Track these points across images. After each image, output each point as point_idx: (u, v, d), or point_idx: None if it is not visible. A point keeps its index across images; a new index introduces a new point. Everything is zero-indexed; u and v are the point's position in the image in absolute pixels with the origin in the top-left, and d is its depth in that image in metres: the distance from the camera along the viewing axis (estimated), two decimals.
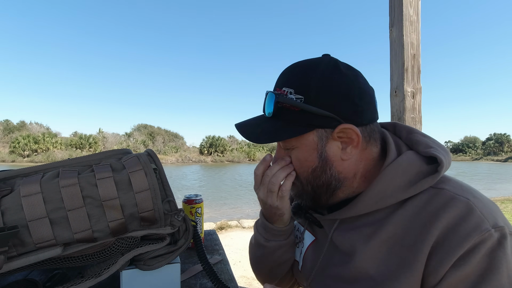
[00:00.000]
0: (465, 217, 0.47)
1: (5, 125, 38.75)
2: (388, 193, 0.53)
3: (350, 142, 0.56)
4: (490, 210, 0.48)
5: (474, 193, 0.51)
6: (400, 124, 0.66)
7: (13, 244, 0.50)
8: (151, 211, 0.58)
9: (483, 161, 52.29)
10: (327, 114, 0.54)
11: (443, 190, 0.51)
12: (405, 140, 0.62)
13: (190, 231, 0.66)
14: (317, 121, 0.55)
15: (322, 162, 0.57)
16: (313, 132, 0.56)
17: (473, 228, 0.45)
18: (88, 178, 0.55)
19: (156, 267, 0.61)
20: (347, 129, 0.55)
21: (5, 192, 0.53)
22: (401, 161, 0.55)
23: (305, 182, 0.60)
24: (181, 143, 46.99)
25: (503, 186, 14.07)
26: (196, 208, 1.03)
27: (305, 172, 0.59)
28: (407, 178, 0.53)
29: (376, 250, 0.53)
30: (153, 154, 0.65)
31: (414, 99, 1.67)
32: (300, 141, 0.57)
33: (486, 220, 0.46)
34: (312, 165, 0.57)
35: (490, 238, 0.45)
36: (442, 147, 0.57)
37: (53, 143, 33.67)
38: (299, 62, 0.59)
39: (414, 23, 1.66)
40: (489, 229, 0.45)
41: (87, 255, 0.57)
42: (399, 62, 1.67)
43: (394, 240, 0.52)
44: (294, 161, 0.59)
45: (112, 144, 38.77)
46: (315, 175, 0.58)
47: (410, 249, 0.49)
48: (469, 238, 0.45)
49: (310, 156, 0.57)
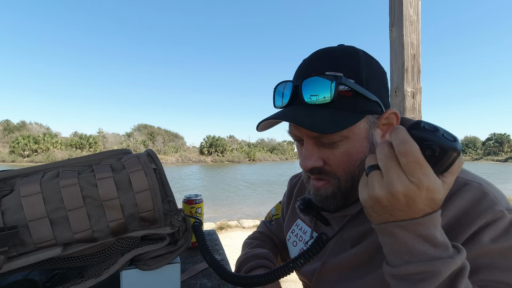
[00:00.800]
0: (479, 200, 0.47)
1: (5, 125, 38.74)
2: None
3: (390, 127, 0.55)
4: (502, 196, 0.48)
5: (486, 180, 0.51)
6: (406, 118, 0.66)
7: (13, 244, 0.50)
8: (151, 211, 0.58)
9: (483, 161, 52.26)
10: (375, 99, 0.52)
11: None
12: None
13: (190, 231, 0.66)
14: (368, 106, 0.52)
15: (371, 151, 0.53)
16: (364, 119, 0.52)
17: (486, 208, 0.45)
18: (88, 178, 0.55)
19: (156, 267, 0.61)
20: (392, 114, 0.54)
21: (5, 192, 0.53)
22: None
23: (346, 178, 0.54)
24: (181, 143, 46.99)
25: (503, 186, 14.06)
26: (196, 208, 1.03)
27: (351, 166, 0.53)
28: None
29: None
30: (153, 154, 0.65)
31: (414, 99, 1.67)
32: (352, 131, 0.51)
33: (499, 203, 0.46)
34: (362, 156, 0.53)
35: (503, 218, 0.44)
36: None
37: (53, 143, 33.66)
38: (328, 48, 0.55)
39: (414, 23, 1.66)
40: (502, 210, 0.45)
41: (87, 255, 0.57)
42: (399, 62, 1.67)
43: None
44: (341, 155, 0.52)
45: (112, 144, 38.76)
46: (362, 166, 0.53)
47: None
48: (482, 216, 0.45)
49: (361, 147, 0.53)
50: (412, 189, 0.38)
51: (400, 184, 0.38)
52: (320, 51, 0.56)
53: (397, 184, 0.38)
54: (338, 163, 0.53)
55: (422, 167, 0.37)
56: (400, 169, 0.38)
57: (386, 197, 0.39)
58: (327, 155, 0.53)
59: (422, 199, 0.38)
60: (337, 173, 0.54)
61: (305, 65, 0.56)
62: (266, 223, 0.93)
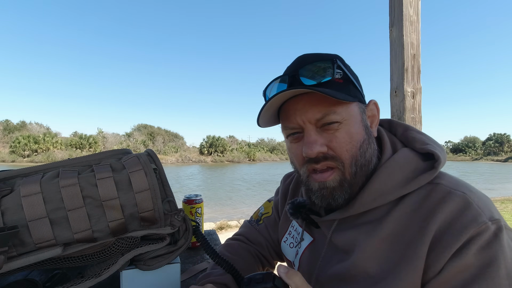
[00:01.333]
0: (462, 211, 0.47)
1: (5, 125, 38.73)
2: (386, 190, 0.54)
3: (374, 119, 0.59)
4: (486, 204, 0.49)
5: (470, 187, 0.52)
6: (395, 121, 0.67)
7: (13, 244, 0.50)
8: (151, 211, 0.58)
9: (483, 161, 52.28)
10: (360, 90, 0.57)
11: (439, 185, 0.52)
12: (400, 137, 0.62)
13: (190, 231, 0.66)
14: (356, 93, 0.56)
15: (368, 135, 0.56)
16: (356, 103, 0.56)
17: (470, 221, 0.46)
18: (88, 178, 0.55)
19: (156, 267, 0.61)
20: (374, 104, 0.59)
21: (5, 192, 0.53)
22: (397, 158, 0.56)
23: (350, 161, 0.54)
24: (181, 143, 46.99)
25: (503, 186, 14.06)
26: (196, 208, 1.03)
27: (354, 147, 0.54)
28: (405, 174, 0.54)
29: (376, 247, 0.52)
30: (153, 154, 0.65)
31: (414, 99, 1.67)
32: (349, 112, 0.54)
33: (483, 213, 0.47)
34: (361, 139, 0.55)
35: (487, 230, 0.45)
36: (437, 144, 0.58)
37: (53, 143, 33.66)
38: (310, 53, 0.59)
39: (414, 23, 1.66)
40: (486, 222, 0.46)
41: (87, 255, 0.57)
42: (399, 62, 1.67)
43: (394, 237, 0.52)
44: (343, 136, 0.54)
45: (112, 144, 38.76)
46: (363, 150, 0.55)
47: (410, 245, 0.49)
48: (466, 230, 0.45)
49: (359, 128, 0.55)
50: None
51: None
52: (307, 54, 0.59)
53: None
54: (341, 144, 0.54)
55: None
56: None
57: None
58: (329, 139, 0.54)
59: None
60: (341, 156, 0.54)
61: (293, 62, 0.59)
62: (252, 223, 0.88)
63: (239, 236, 0.86)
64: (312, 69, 0.54)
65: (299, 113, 0.54)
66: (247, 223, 0.90)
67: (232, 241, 0.83)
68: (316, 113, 0.53)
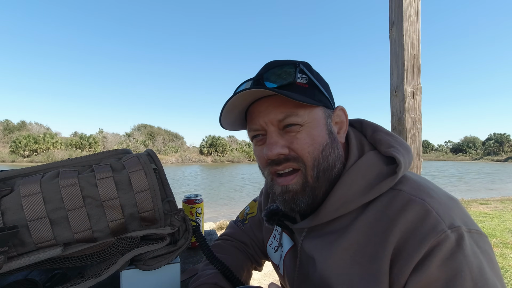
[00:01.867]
0: (421, 220, 0.46)
1: (5, 125, 38.73)
2: (349, 198, 0.52)
3: (342, 125, 0.59)
4: (447, 210, 0.47)
5: (432, 192, 0.50)
6: (366, 121, 0.65)
7: (13, 244, 0.50)
8: (151, 211, 0.58)
9: (483, 161, 52.27)
10: (326, 95, 0.58)
11: (400, 192, 0.50)
12: (369, 138, 0.61)
13: (190, 231, 0.66)
14: (322, 99, 0.57)
15: (331, 140, 0.56)
16: (321, 108, 0.56)
17: (429, 230, 0.44)
18: (88, 178, 0.55)
19: (156, 267, 0.61)
20: (341, 110, 0.59)
21: (5, 192, 0.53)
22: (361, 163, 0.55)
23: (312, 164, 0.54)
24: (181, 143, 46.99)
25: (503, 186, 14.07)
26: (196, 208, 1.03)
27: (315, 150, 0.54)
28: (367, 181, 0.52)
29: (338, 258, 0.51)
30: (153, 154, 0.65)
31: (414, 99, 1.67)
32: (312, 116, 0.54)
33: (442, 221, 0.45)
34: (323, 142, 0.55)
35: (446, 240, 0.43)
36: (404, 146, 0.56)
37: (53, 143, 33.66)
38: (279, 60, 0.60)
39: (414, 23, 1.66)
40: (444, 230, 0.44)
41: (87, 255, 0.57)
42: (399, 62, 1.67)
43: (356, 248, 0.50)
44: (305, 138, 0.54)
45: (112, 144, 38.76)
46: (325, 154, 0.54)
47: (372, 258, 0.48)
48: (425, 242, 0.43)
49: (322, 131, 0.55)
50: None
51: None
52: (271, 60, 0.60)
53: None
54: (303, 146, 0.54)
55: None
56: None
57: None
58: (291, 140, 0.54)
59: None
60: (303, 157, 0.54)
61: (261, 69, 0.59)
62: (238, 223, 0.89)
63: (225, 236, 0.87)
64: (275, 73, 0.55)
65: (262, 115, 0.55)
66: (233, 224, 0.91)
67: (219, 241, 0.84)
68: (278, 114, 0.54)
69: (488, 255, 0.45)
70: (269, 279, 3.10)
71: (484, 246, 0.46)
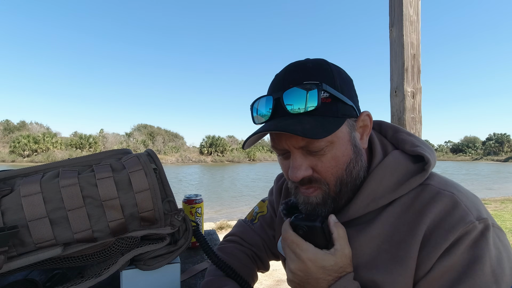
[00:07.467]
0: (450, 211, 0.48)
1: (5, 125, 38.75)
2: (379, 194, 0.54)
3: (366, 129, 0.58)
4: (474, 203, 0.50)
5: (458, 187, 0.53)
6: (385, 122, 0.66)
7: (13, 244, 0.50)
8: (151, 211, 0.58)
9: (483, 161, 52.26)
10: (350, 103, 0.55)
11: (428, 185, 0.53)
12: (390, 139, 0.63)
13: (190, 231, 0.66)
14: (346, 110, 0.55)
15: (356, 153, 0.55)
16: (345, 122, 0.54)
17: (458, 220, 0.47)
18: (88, 178, 0.55)
19: (156, 267, 0.61)
20: (366, 115, 0.58)
21: (5, 192, 0.53)
22: (388, 161, 0.56)
23: (335, 183, 0.54)
24: (181, 143, 47.00)
25: (503, 186, 14.06)
26: (196, 208, 1.03)
27: (339, 170, 0.54)
28: (396, 178, 0.54)
29: (364, 245, 0.53)
30: (153, 154, 0.65)
31: (414, 99, 1.67)
32: (337, 135, 0.53)
33: (470, 213, 0.48)
34: (348, 160, 0.54)
35: (474, 230, 0.46)
36: (427, 145, 0.58)
37: (53, 143, 33.67)
38: (299, 62, 0.58)
39: (414, 23, 1.66)
40: (473, 221, 0.47)
41: (87, 255, 0.57)
42: (399, 62, 1.67)
43: (383, 237, 0.52)
44: (329, 161, 0.53)
45: (112, 144, 38.76)
46: (349, 169, 0.54)
47: (400, 246, 0.50)
48: (454, 230, 0.46)
49: (346, 150, 0.54)
50: (299, 264, 0.50)
51: (291, 262, 0.52)
52: (291, 64, 0.58)
53: (290, 263, 0.52)
54: (326, 169, 0.54)
55: (299, 245, 0.51)
56: (290, 251, 0.52)
57: (292, 275, 0.52)
58: (315, 162, 0.54)
59: (314, 271, 0.49)
60: (326, 179, 0.54)
61: (280, 78, 0.57)
62: (247, 222, 0.86)
63: (234, 236, 0.84)
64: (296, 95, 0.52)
65: (284, 139, 0.54)
66: (242, 222, 0.88)
67: (227, 244, 0.82)
68: (299, 141, 0.53)
69: (506, 248, 0.48)
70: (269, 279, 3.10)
71: (504, 240, 0.49)
